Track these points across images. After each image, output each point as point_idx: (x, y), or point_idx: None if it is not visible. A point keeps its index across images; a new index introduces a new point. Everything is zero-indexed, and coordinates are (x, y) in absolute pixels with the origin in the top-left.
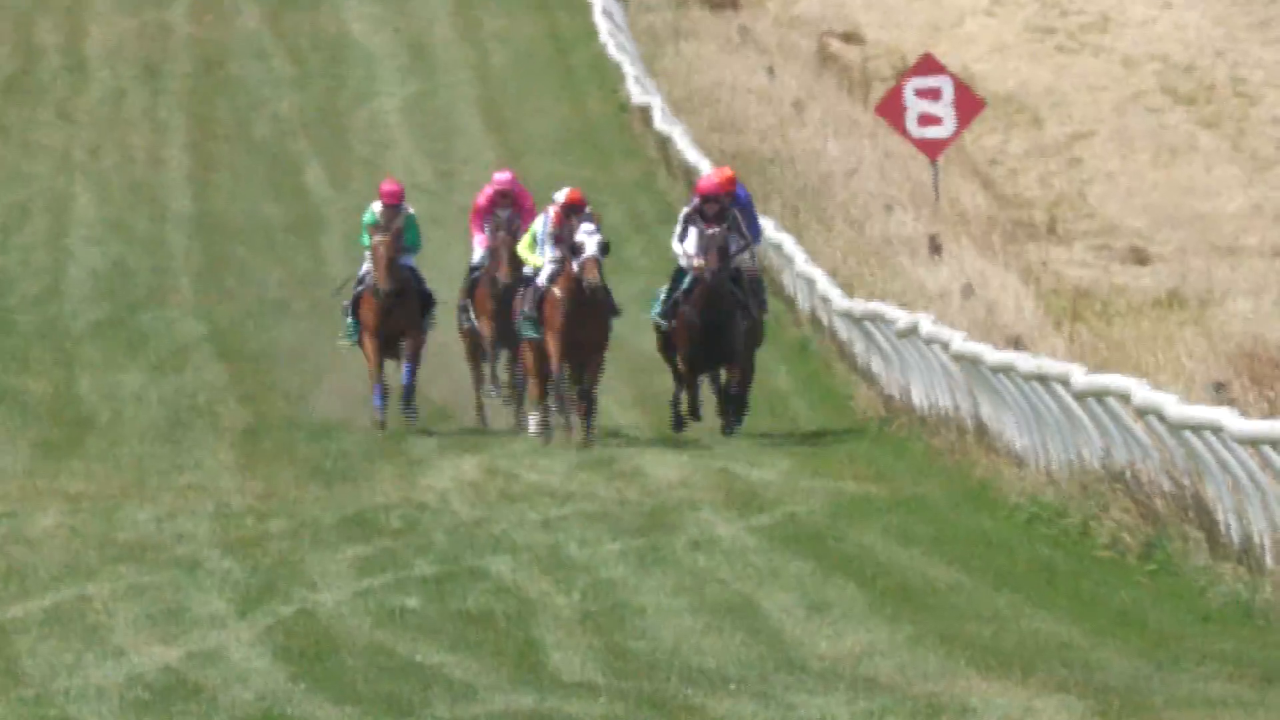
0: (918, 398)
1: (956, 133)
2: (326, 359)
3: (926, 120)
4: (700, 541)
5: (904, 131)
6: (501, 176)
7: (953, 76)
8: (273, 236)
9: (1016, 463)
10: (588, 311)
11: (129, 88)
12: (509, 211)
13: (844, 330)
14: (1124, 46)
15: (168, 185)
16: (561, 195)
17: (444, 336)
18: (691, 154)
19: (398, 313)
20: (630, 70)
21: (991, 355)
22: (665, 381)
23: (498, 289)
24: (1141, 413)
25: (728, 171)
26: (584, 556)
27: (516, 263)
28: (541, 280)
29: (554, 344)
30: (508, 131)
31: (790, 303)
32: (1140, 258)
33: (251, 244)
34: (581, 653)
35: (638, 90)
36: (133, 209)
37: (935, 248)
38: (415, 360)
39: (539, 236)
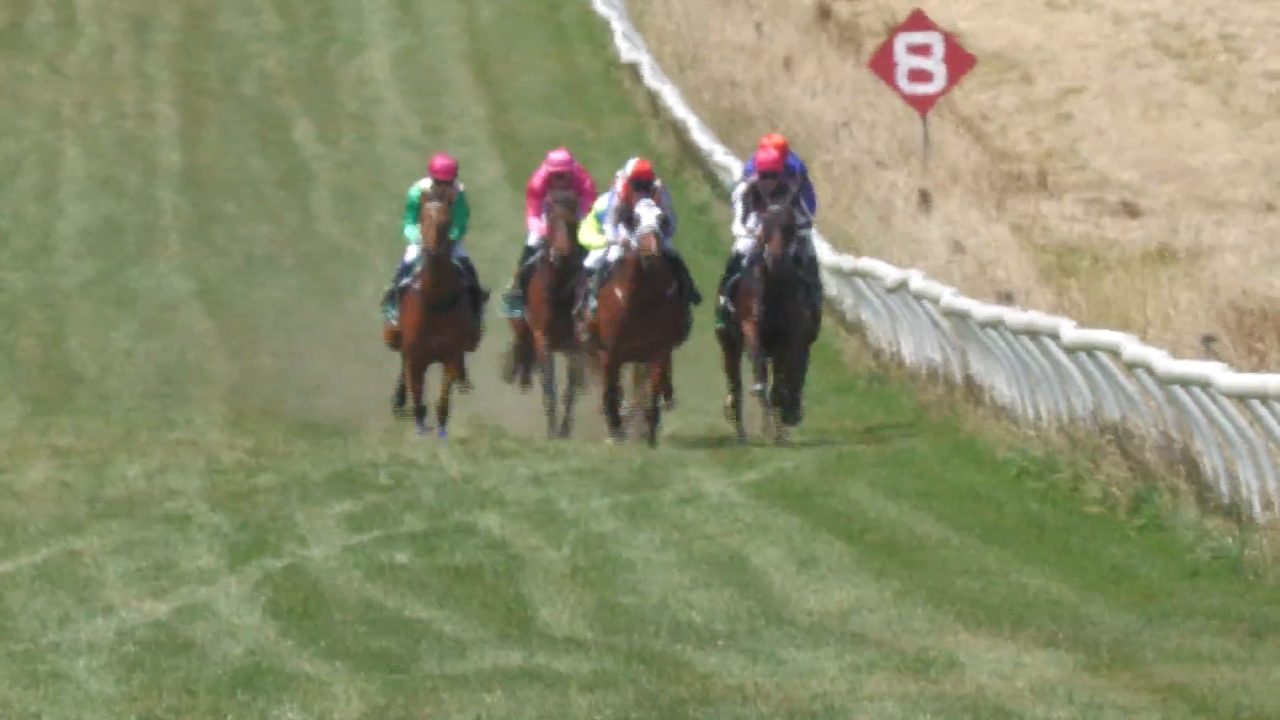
0: (907, 353)
1: (946, 88)
2: (315, 315)
3: (917, 76)
4: (689, 497)
5: (895, 87)
6: (557, 156)
7: (943, 32)
8: (261, 192)
9: (1006, 418)
10: (652, 301)
11: (118, 42)
12: (567, 193)
13: (834, 286)
14: (1114, 3)
15: (157, 141)
16: (628, 168)
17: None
18: (681, 110)
19: (447, 324)
20: (618, 26)
21: (981, 310)
22: None
23: (554, 288)
24: (1131, 367)
25: (779, 139)
26: (573, 512)
27: (575, 240)
28: (609, 256)
29: (610, 343)
30: (496, 86)
31: None
32: (1130, 211)
33: (240, 200)
34: (570, 608)
35: (626, 46)
36: (122, 164)
37: (925, 203)
38: (458, 379)
39: (604, 214)
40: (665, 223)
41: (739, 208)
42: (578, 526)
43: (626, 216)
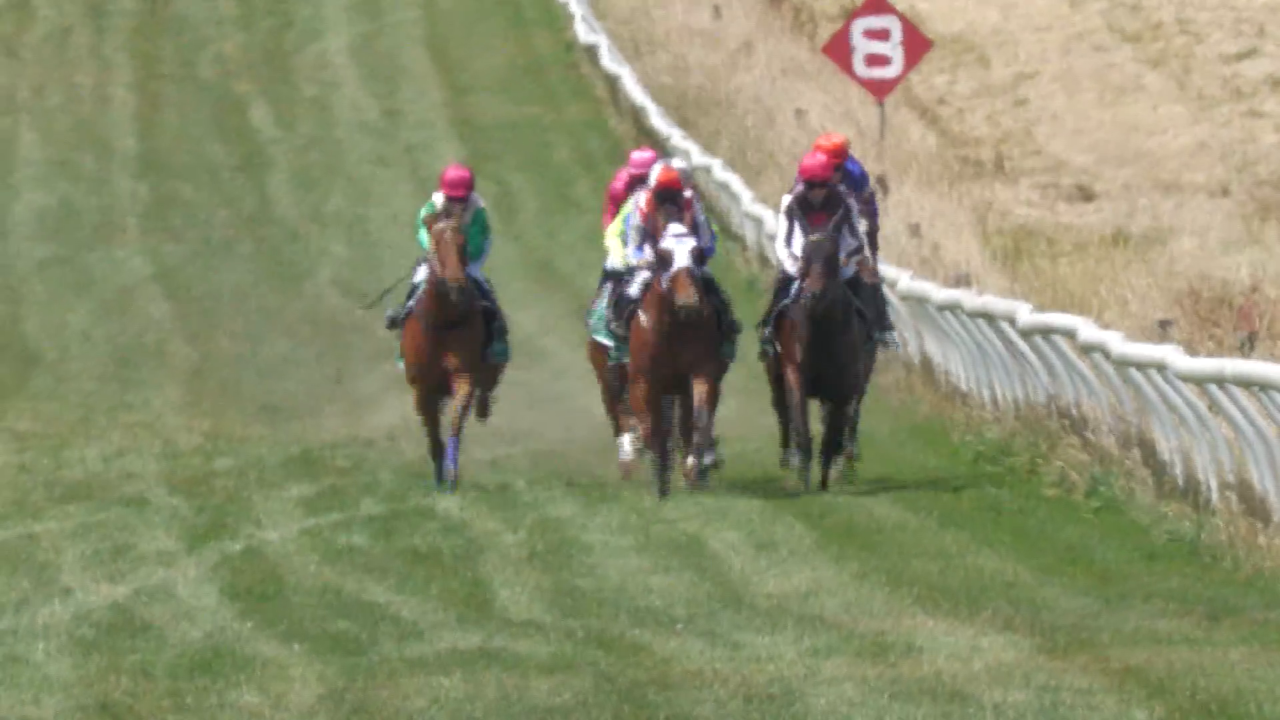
0: None
1: (904, 73)
2: (273, 299)
3: (874, 61)
4: (647, 480)
5: (851, 72)
6: (641, 156)
7: (901, 16)
8: (219, 176)
9: (963, 401)
10: (683, 339)
11: (74, 25)
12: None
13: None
14: None
15: (113, 124)
16: (652, 176)
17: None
18: (639, 95)
19: (454, 344)
20: (577, 9)
21: (938, 293)
22: None
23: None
24: (1087, 350)
25: (837, 138)
26: (531, 495)
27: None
28: (633, 291)
29: (640, 382)
30: (455, 70)
31: (738, 241)
32: (1086, 196)
33: (197, 183)
34: (529, 591)
35: (585, 29)
36: (78, 148)
37: (882, 188)
38: (467, 412)
39: (627, 229)
40: (701, 255)
41: (784, 224)
42: (536, 510)
43: (651, 237)
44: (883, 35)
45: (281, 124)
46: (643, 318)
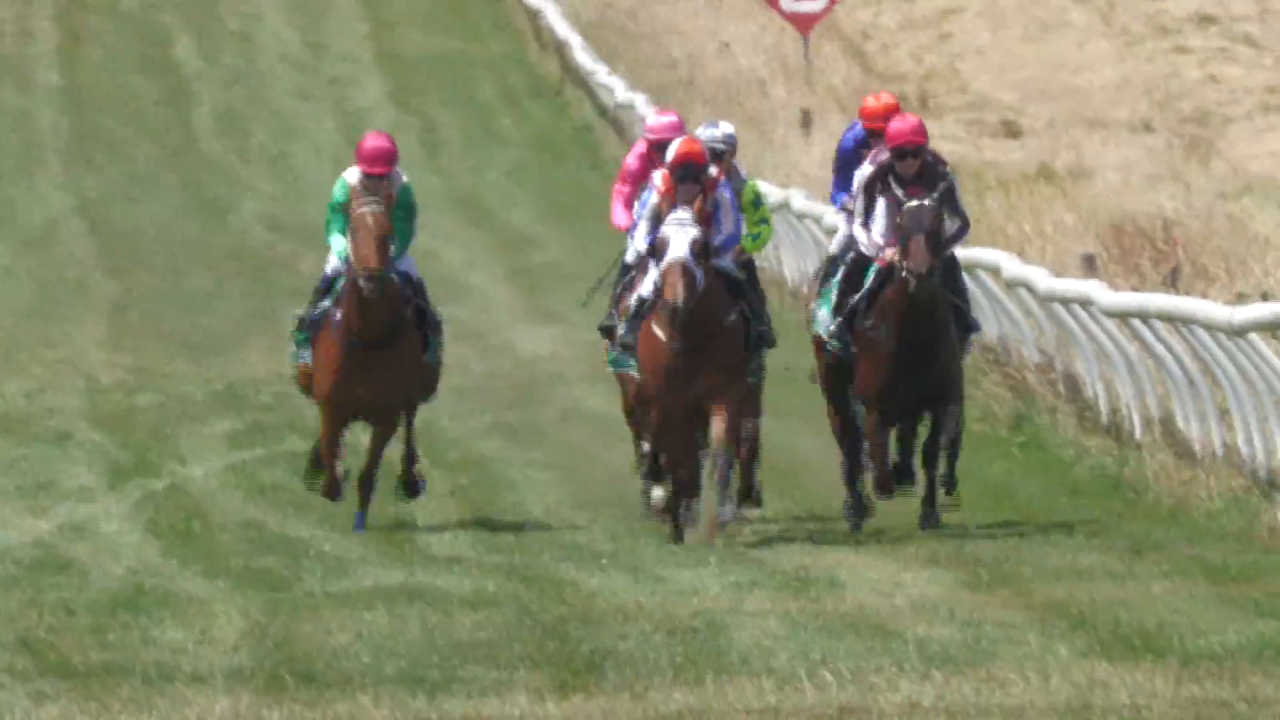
0: (789, 271)
1: (829, 6)
2: (196, 233)
3: None
4: (571, 415)
5: (776, 5)
6: (660, 121)
7: None
8: (142, 110)
9: None
10: (706, 334)
11: None
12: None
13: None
14: None
15: (35, 58)
16: (670, 151)
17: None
18: (562, 28)
19: (380, 367)
20: None
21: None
22: (539, 255)
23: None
24: (1011, 286)
25: (886, 97)
26: (455, 430)
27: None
28: (646, 290)
29: (654, 407)
30: (377, 4)
31: None
32: (1011, 131)
33: (120, 117)
34: (452, 527)
35: None
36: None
37: (807, 122)
38: (379, 457)
39: (639, 213)
40: (705, 247)
41: (860, 200)
42: (459, 446)
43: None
44: None
45: (205, 57)
46: (655, 326)
